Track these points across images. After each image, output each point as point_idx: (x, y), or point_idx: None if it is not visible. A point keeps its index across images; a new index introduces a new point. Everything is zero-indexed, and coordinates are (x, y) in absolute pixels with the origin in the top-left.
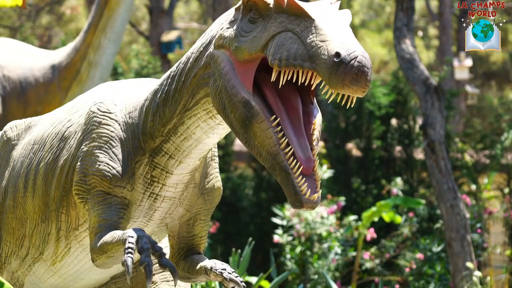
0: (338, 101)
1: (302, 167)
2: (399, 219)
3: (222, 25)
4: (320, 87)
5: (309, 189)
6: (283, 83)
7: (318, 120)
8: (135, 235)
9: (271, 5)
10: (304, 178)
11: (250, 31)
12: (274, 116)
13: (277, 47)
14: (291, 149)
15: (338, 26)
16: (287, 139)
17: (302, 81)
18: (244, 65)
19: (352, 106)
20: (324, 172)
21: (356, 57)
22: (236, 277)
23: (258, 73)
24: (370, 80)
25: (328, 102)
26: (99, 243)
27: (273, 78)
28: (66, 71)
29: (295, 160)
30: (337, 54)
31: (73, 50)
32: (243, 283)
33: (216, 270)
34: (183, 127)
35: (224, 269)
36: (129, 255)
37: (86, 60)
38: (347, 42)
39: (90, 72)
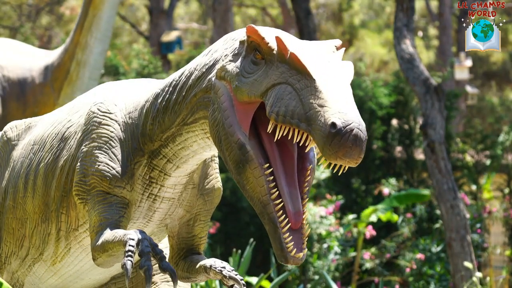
0: (330, 168)
1: (290, 222)
2: (396, 218)
3: (227, 51)
4: (315, 151)
5: (295, 248)
6: (279, 137)
7: (312, 165)
8: (136, 238)
9: (274, 52)
10: (292, 236)
11: (252, 72)
12: (267, 164)
13: (276, 99)
14: (281, 201)
15: (339, 89)
16: (278, 191)
17: (297, 141)
18: (243, 105)
19: (345, 172)
20: (322, 172)
21: (352, 130)
22: (236, 275)
23: (257, 111)
24: (364, 151)
25: (319, 166)
26: (100, 242)
27: (269, 129)
28: (57, 72)
29: (284, 214)
30: (333, 125)
31: (64, 50)
32: (243, 281)
33: (215, 268)
34: (181, 138)
35: (224, 267)
36: (129, 258)
37: (74, 60)
38: (345, 111)
39: (79, 72)
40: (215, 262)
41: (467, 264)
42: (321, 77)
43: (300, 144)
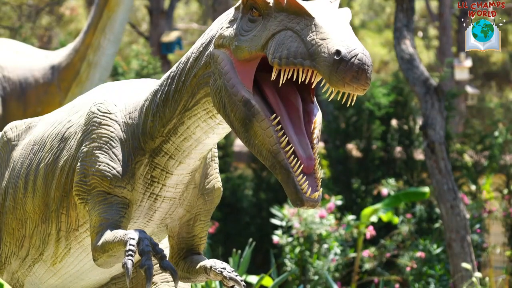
0: (338, 99)
1: (302, 165)
2: (396, 220)
3: (222, 24)
4: (321, 85)
5: (310, 188)
6: (283, 81)
7: (318, 118)
8: (136, 237)
9: (271, 4)
10: (305, 177)
11: (250, 30)
12: (274, 115)
13: (277, 45)
14: (291, 147)
15: (338, 24)
16: (287, 138)
17: (303, 80)
18: (244, 64)
19: (353, 104)
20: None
21: (357, 54)
22: (236, 275)
23: (258, 72)
24: (371, 78)
25: (329, 100)
26: (101, 242)
27: (273, 76)
28: (66, 72)
29: (296, 158)
30: (338, 52)
31: (73, 51)
32: (243, 282)
33: (216, 269)
34: (183, 127)
35: (224, 268)
36: (130, 257)
37: (85, 61)
38: (347, 39)
39: (90, 72)
40: (215, 263)
41: (466, 265)
42: (320, 15)
43: (306, 82)
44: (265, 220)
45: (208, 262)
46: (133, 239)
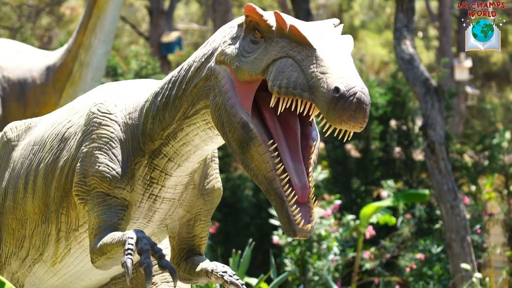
0: (335, 135)
1: (297, 195)
2: (394, 221)
3: (225, 38)
4: (318, 119)
5: (303, 219)
6: (282, 110)
7: (316, 142)
8: (134, 236)
9: (273, 28)
10: (299, 208)
11: (252, 51)
12: (271, 140)
13: (277, 73)
14: (287, 175)
15: (339, 57)
16: (283, 166)
17: (301, 111)
18: (244, 85)
19: (349, 139)
20: (319, 173)
21: (356, 93)
22: (237, 279)
23: (258, 92)
24: (368, 116)
25: (326, 135)
26: (99, 244)
27: (272, 103)
28: (60, 72)
29: (291, 187)
30: (336, 89)
31: (66, 51)
32: (244, 286)
33: (217, 272)
34: (182, 133)
35: (225, 272)
36: (129, 256)
37: (77, 61)
38: (347, 76)
39: (82, 72)
40: (217, 266)
41: (465, 265)
42: (322, 46)
43: (304, 114)
44: (265, 220)
45: (209, 265)
46: (132, 238)
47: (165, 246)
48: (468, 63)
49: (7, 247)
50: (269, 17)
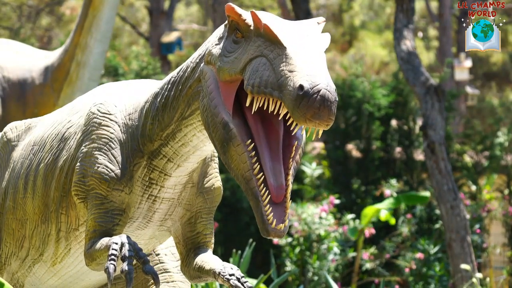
0: (303, 134)
1: (270, 195)
2: (393, 221)
3: (215, 38)
4: (286, 118)
5: (275, 219)
6: (255, 109)
7: (299, 142)
8: (119, 242)
9: (251, 27)
10: (272, 207)
11: (233, 51)
12: (250, 140)
13: (252, 72)
14: (263, 175)
15: (310, 55)
16: (260, 165)
17: (272, 110)
18: (226, 85)
19: (319, 137)
20: (314, 169)
21: (319, 90)
22: (245, 282)
23: (242, 91)
24: (334, 113)
25: (293, 133)
26: (90, 250)
27: (247, 103)
28: (57, 72)
29: (265, 188)
30: (301, 87)
31: (63, 51)
32: None
33: (224, 275)
34: (181, 134)
35: (232, 275)
36: (112, 262)
37: (74, 61)
38: (313, 74)
39: (79, 72)
40: (225, 268)
41: (465, 266)
42: (293, 45)
43: (275, 113)
44: None
45: (217, 266)
46: (116, 243)
47: (165, 246)
48: (468, 63)
49: (7, 247)
50: (248, 17)
